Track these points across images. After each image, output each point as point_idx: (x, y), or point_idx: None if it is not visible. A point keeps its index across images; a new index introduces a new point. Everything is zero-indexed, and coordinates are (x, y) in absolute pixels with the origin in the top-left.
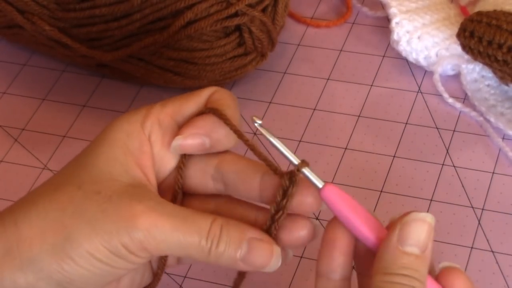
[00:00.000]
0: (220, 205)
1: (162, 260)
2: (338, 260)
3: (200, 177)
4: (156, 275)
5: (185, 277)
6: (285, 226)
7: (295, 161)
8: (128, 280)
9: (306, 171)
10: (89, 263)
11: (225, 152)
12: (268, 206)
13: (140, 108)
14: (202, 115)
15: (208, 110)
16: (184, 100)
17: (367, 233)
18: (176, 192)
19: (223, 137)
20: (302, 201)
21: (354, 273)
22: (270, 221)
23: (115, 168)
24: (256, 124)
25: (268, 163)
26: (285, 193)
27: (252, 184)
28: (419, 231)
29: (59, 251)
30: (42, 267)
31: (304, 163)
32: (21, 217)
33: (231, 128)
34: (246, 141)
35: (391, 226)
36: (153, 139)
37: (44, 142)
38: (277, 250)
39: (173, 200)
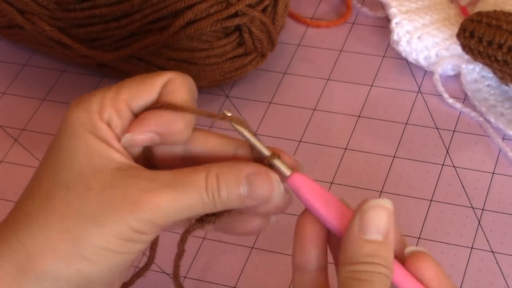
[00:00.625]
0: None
1: (152, 247)
2: (311, 251)
3: (169, 159)
4: (150, 255)
5: (185, 277)
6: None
7: (266, 152)
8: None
9: (276, 161)
10: (105, 257)
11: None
12: None
13: (94, 94)
14: (152, 111)
15: (160, 105)
16: (139, 87)
17: (332, 221)
18: (148, 151)
19: (174, 133)
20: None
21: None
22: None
23: (95, 159)
24: (225, 111)
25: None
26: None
27: (224, 158)
28: (379, 218)
29: (73, 256)
30: (59, 276)
31: (275, 155)
32: (23, 233)
33: (184, 112)
34: (214, 116)
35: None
36: (113, 126)
37: (44, 142)
38: (274, 176)
39: (145, 158)
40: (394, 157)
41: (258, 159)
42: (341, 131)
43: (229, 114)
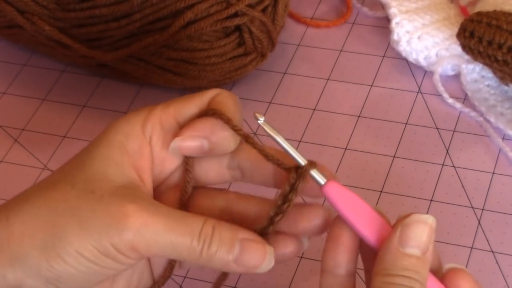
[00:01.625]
0: (230, 200)
1: (170, 263)
2: (343, 256)
3: (216, 168)
4: (162, 277)
5: (185, 277)
6: (301, 214)
7: (302, 161)
8: (124, 282)
9: (313, 170)
10: (78, 261)
11: None
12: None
13: (142, 109)
14: (203, 117)
15: (209, 111)
16: (187, 101)
17: (366, 234)
18: (185, 192)
19: (222, 140)
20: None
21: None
22: (273, 213)
23: (110, 168)
24: (259, 122)
25: (276, 160)
26: (292, 187)
27: (266, 170)
28: (420, 233)
29: (49, 248)
30: (31, 264)
31: (312, 164)
32: (13, 213)
33: (232, 129)
34: (251, 143)
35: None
36: (154, 140)
37: (44, 142)
38: (269, 250)
39: (181, 200)
40: (394, 157)
41: (291, 168)
42: (341, 131)
43: (262, 119)
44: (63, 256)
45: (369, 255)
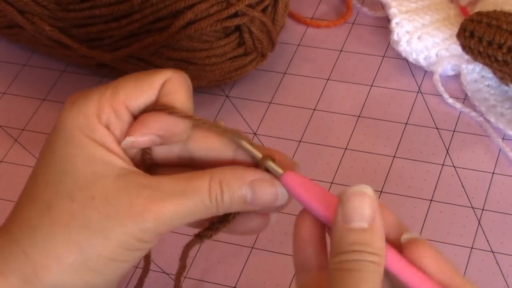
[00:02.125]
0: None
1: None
2: (308, 250)
3: (168, 158)
4: (146, 261)
5: (185, 277)
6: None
7: (257, 155)
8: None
9: (269, 163)
10: (110, 267)
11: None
12: None
13: (89, 94)
14: (152, 113)
15: (159, 107)
16: (137, 87)
17: (325, 214)
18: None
19: (173, 135)
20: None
21: None
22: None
23: (96, 165)
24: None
25: (240, 140)
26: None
27: (224, 161)
28: (361, 205)
29: (79, 267)
30: (66, 287)
31: (266, 157)
32: (27, 245)
33: (183, 117)
34: (210, 126)
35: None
36: (112, 128)
37: (44, 142)
38: (278, 183)
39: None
40: (394, 157)
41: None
42: (341, 131)
43: (222, 123)
44: (97, 268)
45: None
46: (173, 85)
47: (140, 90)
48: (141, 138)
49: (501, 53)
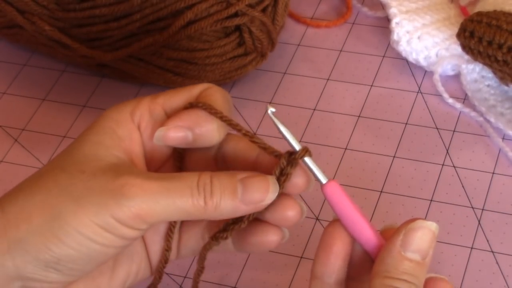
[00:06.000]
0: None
1: (164, 254)
2: (334, 264)
3: (204, 159)
4: (157, 271)
5: (185, 277)
6: (274, 206)
7: (298, 147)
8: (124, 271)
9: (308, 160)
10: (77, 241)
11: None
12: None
13: (132, 99)
14: (189, 109)
15: (197, 103)
16: (176, 93)
17: (369, 234)
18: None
19: (206, 132)
20: (295, 182)
21: None
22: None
23: (100, 151)
24: (268, 111)
25: (266, 147)
26: (282, 172)
27: (248, 162)
28: (423, 239)
29: (46, 231)
30: (29, 249)
31: (306, 151)
32: (7, 203)
33: (220, 119)
34: (239, 130)
35: (387, 232)
36: (143, 127)
37: (44, 142)
38: (271, 179)
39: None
40: (394, 157)
41: (282, 154)
42: (341, 131)
43: (273, 109)
44: (62, 237)
45: (356, 262)
46: (211, 91)
47: (179, 94)
48: (173, 133)
49: (501, 53)
